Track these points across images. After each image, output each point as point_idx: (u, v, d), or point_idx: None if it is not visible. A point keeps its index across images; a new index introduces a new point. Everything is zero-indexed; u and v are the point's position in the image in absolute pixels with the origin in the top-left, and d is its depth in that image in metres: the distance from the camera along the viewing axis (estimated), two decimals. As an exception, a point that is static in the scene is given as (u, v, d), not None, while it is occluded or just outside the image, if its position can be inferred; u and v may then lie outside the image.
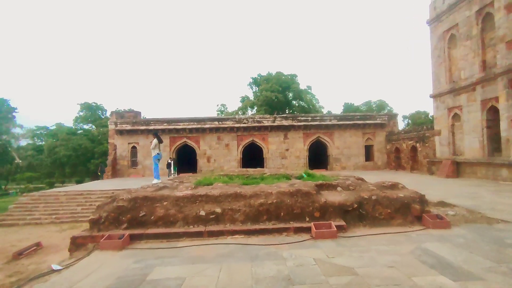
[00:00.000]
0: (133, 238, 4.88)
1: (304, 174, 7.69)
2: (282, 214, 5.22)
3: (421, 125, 21.10)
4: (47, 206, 13.42)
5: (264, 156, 23.30)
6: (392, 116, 24.01)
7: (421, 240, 4.50)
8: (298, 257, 3.94)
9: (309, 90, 47.02)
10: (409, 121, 47.68)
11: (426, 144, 18.39)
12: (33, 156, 54.75)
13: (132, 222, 5.13)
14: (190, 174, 22.83)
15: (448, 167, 15.06)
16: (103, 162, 24.02)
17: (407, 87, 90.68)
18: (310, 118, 23.15)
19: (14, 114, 56.61)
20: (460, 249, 4.05)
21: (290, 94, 45.02)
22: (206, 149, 22.97)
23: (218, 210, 5.22)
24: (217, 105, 49.16)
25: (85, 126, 50.05)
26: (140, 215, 5.18)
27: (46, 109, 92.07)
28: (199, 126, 22.56)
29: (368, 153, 23.86)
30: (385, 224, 5.23)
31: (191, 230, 5.00)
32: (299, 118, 23.16)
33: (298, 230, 4.98)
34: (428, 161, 17.81)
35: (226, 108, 46.38)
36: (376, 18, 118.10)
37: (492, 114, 13.34)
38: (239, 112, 43.62)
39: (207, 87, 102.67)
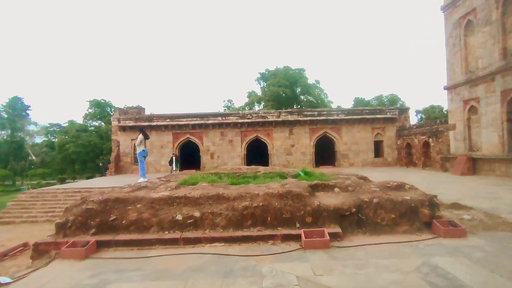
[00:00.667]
0: (101, 245, 4.35)
1: (301, 173, 7.02)
2: (269, 219, 4.58)
3: (435, 120, 19.95)
4: (44, 204, 13.19)
5: (268, 152, 22.63)
6: (404, 110, 22.88)
7: (430, 252, 3.78)
8: (279, 273, 3.31)
9: (318, 85, 45.92)
10: (423, 116, 45.98)
11: (440, 139, 17.32)
12: (46, 153, 55.89)
13: (101, 227, 4.60)
14: (193, 171, 22.45)
15: (464, 163, 14.05)
16: (106, 159, 23.82)
17: (421, 80, 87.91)
18: (316, 113, 22.30)
19: (28, 111, 57.79)
20: (478, 266, 3.33)
21: (298, 89, 44.05)
22: (209, 145, 22.47)
23: (197, 214, 4.62)
24: (224, 101, 48.68)
25: (94, 123, 50.49)
26: (110, 219, 4.64)
27: (60, 106, 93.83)
28: (202, 122, 22.06)
29: (378, 149, 22.86)
30: (388, 231, 4.53)
31: (166, 236, 4.43)
32: (305, 113, 22.34)
33: (286, 238, 4.34)
34: (441, 157, 16.77)
35: (233, 104, 45.86)
36: (387, 9, 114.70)
37: (513, 106, 12.26)
38: (246, 108, 42.99)
39: (214, 83, 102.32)
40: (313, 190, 5.24)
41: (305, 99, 44.47)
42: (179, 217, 4.61)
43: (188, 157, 23.69)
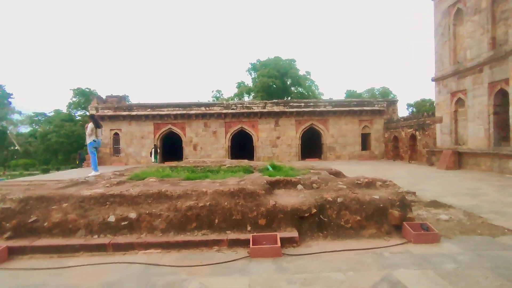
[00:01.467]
0: (14, 252, 3.67)
1: (269, 167, 6.40)
2: (216, 220, 3.96)
3: (422, 113, 19.55)
4: (8, 197, 12.34)
5: (254, 145, 22.01)
6: (392, 103, 22.42)
7: (394, 263, 3.22)
8: (207, 293, 2.69)
9: (308, 76, 45.22)
10: (414, 109, 45.87)
11: (426, 133, 16.94)
12: (30, 143, 54.17)
13: (19, 229, 3.91)
14: (174, 163, 21.71)
15: (449, 158, 13.67)
16: (82, 150, 22.77)
17: (413, 74, 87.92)
18: (303, 104, 21.67)
19: (10, 100, 55.59)
20: (446, 282, 2.77)
21: (289, 80, 43.27)
22: (192, 136, 21.71)
23: (133, 215, 3.97)
24: (212, 91, 47.66)
25: (79, 112, 48.97)
26: (30, 220, 3.95)
27: (46, 95, 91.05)
28: (184, 112, 21.22)
29: (365, 142, 22.46)
30: (352, 235, 3.96)
31: (93, 241, 3.77)
32: (291, 104, 21.70)
33: (234, 243, 3.73)
34: (427, 151, 16.41)
35: (222, 94, 44.86)
36: (381, 0, 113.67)
37: (500, 99, 11.83)
38: (235, 99, 42.07)
39: (204, 73, 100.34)
40: (273, 187, 4.63)
41: (295, 91, 43.81)
42: (111, 218, 3.94)
43: (171, 148, 22.90)
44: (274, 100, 22.54)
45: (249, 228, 3.92)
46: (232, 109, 21.39)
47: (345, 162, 20.04)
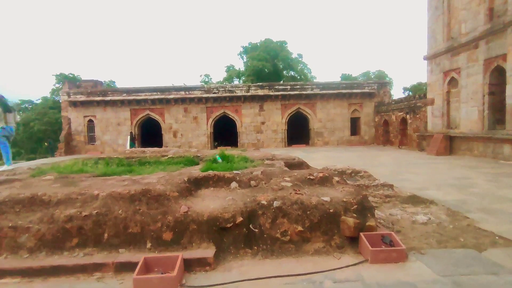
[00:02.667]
0: None
1: (218, 157, 5.33)
2: (106, 235, 2.91)
3: (414, 95, 18.39)
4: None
5: (237, 131, 20.88)
6: (383, 85, 21.21)
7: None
8: None
9: (300, 59, 43.59)
10: (410, 92, 44.67)
11: (417, 116, 15.89)
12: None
13: None
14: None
15: (440, 142, 12.69)
16: (52, 137, 21.34)
17: (410, 57, 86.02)
18: (289, 87, 20.41)
19: (-5, 86, 53.39)
20: None
21: (280, 63, 41.64)
22: (171, 122, 20.48)
23: (-10, 229, 2.89)
24: (200, 76, 45.98)
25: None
26: None
27: (34, 83, 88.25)
28: (162, 96, 19.90)
29: (354, 126, 21.40)
30: (292, 251, 2.93)
31: None
32: (276, 87, 20.42)
33: (123, 268, 2.69)
34: (418, 135, 15.41)
35: (211, 78, 43.19)
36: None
37: (497, 77, 10.73)
38: (225, 83, 40.49)
39: (193, 58, 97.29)
40: (198, 186, 3.56)
41: (288, 74, 42.28)
42: (-42, 235, 2.87)
43: (150, 135, 21.72)
44: (258, 83, 21.23)
45: (149, 245, 2.87)
46: (213, 93, 20.09)
47: (333, 148, 19.06)
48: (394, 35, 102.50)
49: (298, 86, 20.48)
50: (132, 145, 18.22)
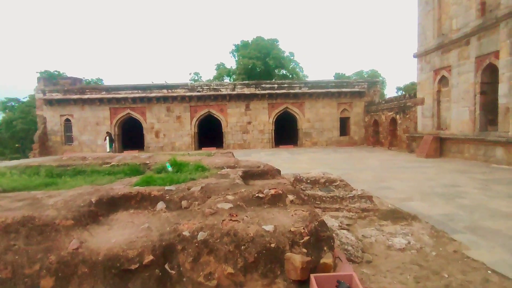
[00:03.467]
0: None
1: (168, 165, 4.56)
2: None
3: (404, 94, 17.78)
4: None
5: (223, 131, 20.08)
6: (373, 83, 20.60)
7: None
8: None
9: (292, 58, 42.88)
10: (403, 92, 44.29)
11: (407, 116, 15.30)
12: (0, 131, 50.94)
13: None
14: (135, 152, 19.68)
15: (430, 144, 12.08)
16: (27, 138, 20.02)
17: (404, 56, 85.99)
18: (276, 85, 19.66)
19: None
20: None
21: (272, 62, 40.88)
22: (153, 122, 19.59)
23: None
24: (190, 74, 45.02)
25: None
26: None
27: (22, 81, 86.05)
28: (144, 95, 18.98)
29: (344, 126, 20.77)
30: (219, 302, 2.18)
31: None
32: (263, 85, 19.65)
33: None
34: (407, 137, 14.82)
35: (200, 77, 42.22)
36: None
37: (489, 76, 10.14)
38: (214, 82, 39.59)
39: (183, 55, 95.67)
40: (110, 209, 2.78)
41: (279, 73, 41.55)
42: None
43: (131, 135, 20.81)
44: (244, 82, 20.44)
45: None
46: (197, 91, 19.23)
47: (321, 149, 18.40)
48: (388, 34, 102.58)
49: (285, 85, 19.75)
50: (111, 145, 17.32)
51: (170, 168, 4.51)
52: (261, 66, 39.01)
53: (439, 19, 12.39)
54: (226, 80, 41.47)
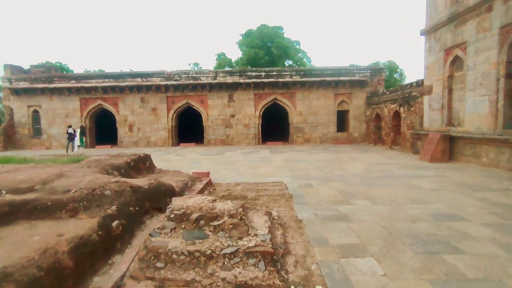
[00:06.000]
0: None
1: None
2: None
3: (410, 83, 14.78)
4: None
5: (203, 124, 17.91)
6: (377, 71, 17.69)
7: None
8: None
9: (298, 47, 39.91)
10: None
11: (412, 109, 12.54)
12: None
13: None
14: (108, 147, 17.93)
15: (436, 144, 9.42)
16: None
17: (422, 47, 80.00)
18: (263, 73, 17.19)
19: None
20: None
21: (276, 51, 38.13)
22: (127, 114, 17.67)
23: None
24: (189, 64, 43.00)
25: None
26: None
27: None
28: (115, 84, 17.05)
29: (342, 121, 18.09)
30: None
31: None
32: (248, 73, 17.23)
33: None
34: (412, 134, 12.11)
35: (200, 67, 40.07)
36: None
37: (519, 52, 7.37)
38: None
39: (184, 45, 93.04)
40: None
41: (286, 63, 38.79)
42: None
43: (104, 129, 19.03)
44: (226, 69, 18.11)
45: None
46: (175, 80, 17.09)
47: (311, 147, 15.88)
48: (409, 24, 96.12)
49: (274, 73, 17.24)
50: (82, 140, 15.58)
51: None
52: (264, 56, 36.46)
53: (454, -17, 9.56)
54: (227, 71, 39.09)
